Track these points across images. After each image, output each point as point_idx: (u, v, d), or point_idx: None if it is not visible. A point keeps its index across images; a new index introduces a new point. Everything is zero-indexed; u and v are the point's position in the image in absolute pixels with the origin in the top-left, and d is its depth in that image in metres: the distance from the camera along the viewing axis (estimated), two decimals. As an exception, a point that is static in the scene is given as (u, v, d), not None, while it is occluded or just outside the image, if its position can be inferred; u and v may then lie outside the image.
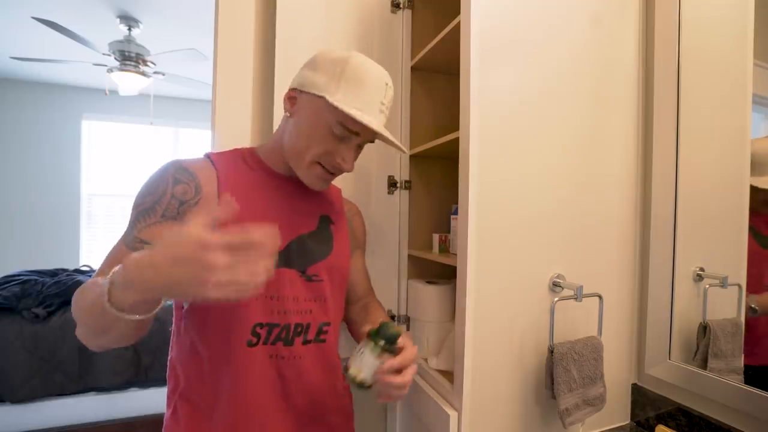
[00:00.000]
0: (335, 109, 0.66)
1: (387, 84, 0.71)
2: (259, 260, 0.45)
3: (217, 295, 0.43)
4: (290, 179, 0.77)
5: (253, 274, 0.44)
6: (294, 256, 0.73)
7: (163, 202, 0.66)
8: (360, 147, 0.75)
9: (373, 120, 0.68)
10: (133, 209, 0.67)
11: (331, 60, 0.70)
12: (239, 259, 0.44)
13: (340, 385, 0.81)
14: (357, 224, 0.91)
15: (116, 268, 0.49)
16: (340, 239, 0.81)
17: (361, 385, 0.64)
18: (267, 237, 0.45)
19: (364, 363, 0.64)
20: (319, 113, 0.69)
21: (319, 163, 0.72)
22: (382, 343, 0.64)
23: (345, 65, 0.69)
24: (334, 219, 0.82)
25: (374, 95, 0.69)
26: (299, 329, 0.73)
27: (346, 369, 0.66)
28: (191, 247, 0.43)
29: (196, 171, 0.70)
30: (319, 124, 0.69)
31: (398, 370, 0.64)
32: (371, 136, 0.73)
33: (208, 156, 0.75)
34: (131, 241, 0.64)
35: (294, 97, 0.73)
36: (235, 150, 0.79)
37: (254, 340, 0.69)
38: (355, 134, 0.70)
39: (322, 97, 0.68)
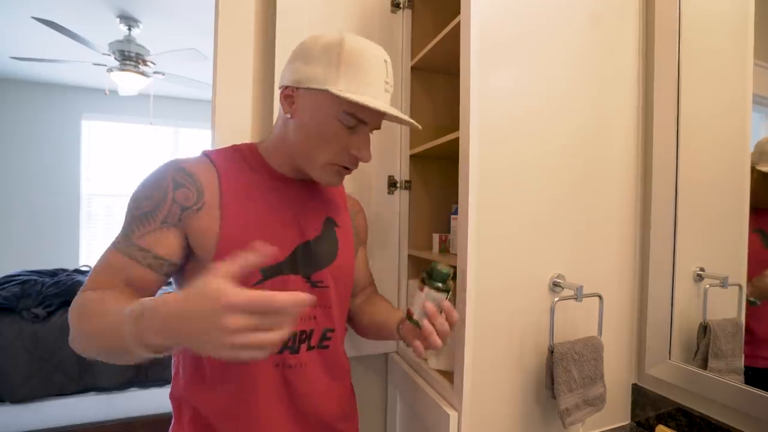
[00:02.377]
0: (342, 100, 0.63)
1: (386, 61, 0.67)
2: (278, 327, 0.44)
3: (229, 356, 0.43)
4: (294, 181, 0.74)
5: (269, 341, 0.43)
6: (299, 262, 0.71)
7: (163, 208, 0.63)
8: (372, 131, 0.72)
9: (382, 103, 0.65)
10: (127, 212, 0.64)
11: (323, 47, 0.64)
12: (257, 323, 0.43)
13: (345, 390, 0.81)
14: (360, 221, 0.89)
15: (140, 308, 0.47)
16: (345, 243, 0.79)
17: (419, 325, 0.66)
18: (292, 304, 0.44)
19: (417, 304, 0.67)
20: (324, 108, 0.65)
21: (337, 163, 0.69)
22: (435, 284, 0.66)
23: (340, 50, 0.63)
24: (339, 221, 0.79)
25: (377, 76, 0.65)
26: (303, 336, 0.71)
27: (410, 315, 0.68)
28: (211, 304, 0.42)
29: (197, 173, 0.67)
30: (327, 121, 0.65)
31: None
32: (379, 121, 0.70)
33: (206, 155, 0.71)
34: (129, 249, 0.62)
35: (290, 95, 0.68)
36: (235, 147, 0.75)
37: None
38: (362, 122, 0.67)
39: (324, 90, 0.63)
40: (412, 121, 0.70)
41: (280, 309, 0.43)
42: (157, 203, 0.63)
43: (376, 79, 0.65)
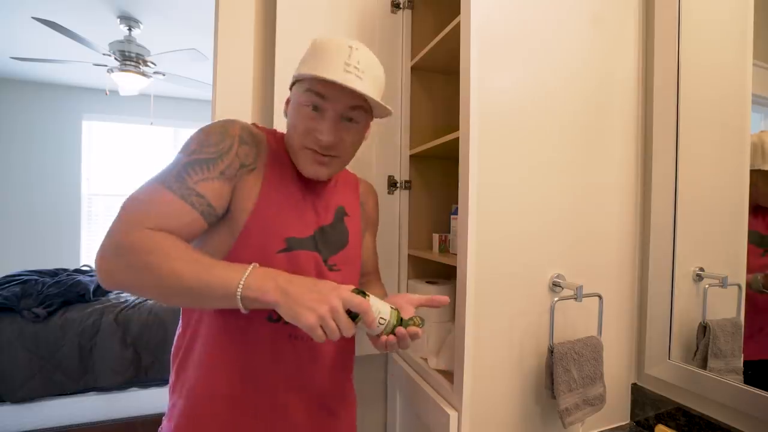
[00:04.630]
0: (303, 82, 0.70)
1: (351, 47, 0.68)
2: (353, 328, 0.57)
3: (307, 322, 0.54)
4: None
5: (343, 331, 0.56)
6: (319, 244, 0.75)
7: (226, 159, 0.65)
8: (341, 119, 0.70)
9: (331, 74, 0.65)
10: (185, 153, 0.64)
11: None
12: (344, 316, 0.56)
13: (348, 375, 0.82)
14: (370, 204, 0.91)
15: (263, 268, 0.58)
16: (354, 231, 0.83)
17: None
18: (372, 323, 0.59)
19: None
20: (295, 97, 0.72)
21: (306, 147, 0.71)
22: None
23: (309, 47, 0.72)
24: (349, 210, 0.83)
25: (334, 58, 0.67)
26: None
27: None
28: (330, 287, 0.57)
29: (259, 138, 0.71)
30: (296, 107, 0.71)
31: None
32: (344, 100, 0.68)
33: (262, 129, 0.76)
34: (186, 192, 0.61)
35: (288, 99, 0.76)
36: (275, 130, 0.80)
37: (275, 315, 0.68)
38: (322, 98, 0.68)
39: (294, 81, 0.72)
40: (374, 98, 0.67)
41: (364, 315, 0.58)
42: (221, 152, 0.65)
43: (332, 61, 0.66)
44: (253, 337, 0.69)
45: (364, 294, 0.60)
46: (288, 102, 0.76)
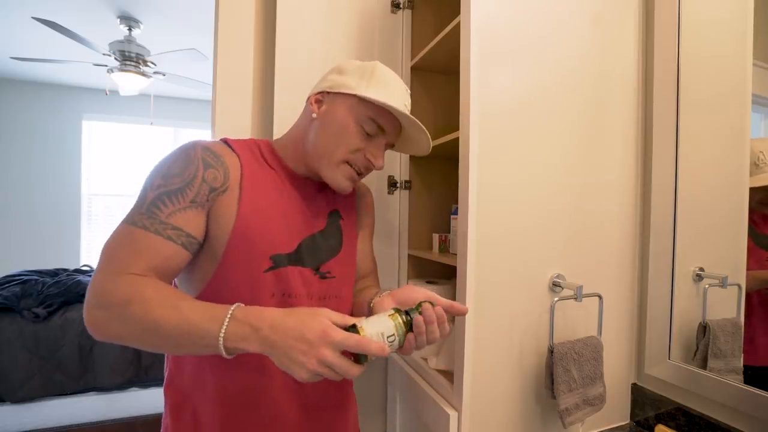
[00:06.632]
0: (368, 104, 0.70)
1: (406, 90, 0.77)
2: (355, 369, 0.53)
3: (300, 376, 0.52)
4: (306, 180, 0.78)
5: (344, 375, 0.52)
6: (306, 254, 0.74)
7: (194, 186, 0.63)
8: (385, 148, 0.77)
9: (402, 109, 0.72)
10: (151, 188, 0.62)
11: (357, 66, 0.74)
12: (340, 362, 0.51)
13: (347, 382, 0.82)
14: (364, 203, 0.90)
15: (245, 312, 0.54)
16: (349, 234, 0.82)
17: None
18: (377, 351, 0.53)
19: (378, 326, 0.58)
20: (350, 111, 0.71)
21: (348, 163, 0.73)
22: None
23: (373, 69, 0.73)
24: (344, 214, 0.82)
25: (400, 96, 0.74)
26: None
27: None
28: (316, 334, 0.51)
29: (223, 156, 0.68)
30: (350, 123, 0.71)
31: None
32: (394, 138, 0.77)
33: (226, 142, 0.73)
34: (160, 227, 0.60)
35: (320, 99, 0.74)
36: (252, 140, 0.77)
37: None
38: (382, 132, 0.73)
39: (353, 96, 0.71)
40: (427, 132, 0.75)
41: (367, 352, 0.52)
42: (187, 181, 0.63)
43: (399, 97, 0.73)
44: (247, 361, 0.66)
45: (356, 327, 0.55)
46: (319, 102, 0.74)
